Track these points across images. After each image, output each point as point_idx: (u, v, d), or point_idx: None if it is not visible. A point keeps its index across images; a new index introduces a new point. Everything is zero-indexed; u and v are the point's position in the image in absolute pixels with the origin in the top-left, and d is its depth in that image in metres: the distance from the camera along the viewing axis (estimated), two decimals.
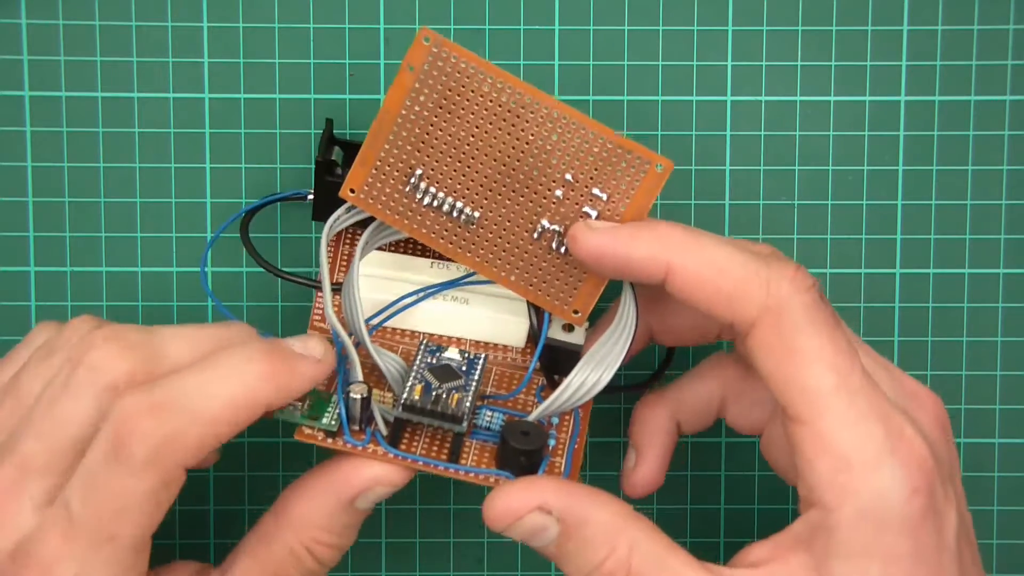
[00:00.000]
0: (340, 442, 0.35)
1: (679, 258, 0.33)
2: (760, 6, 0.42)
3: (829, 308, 0.33)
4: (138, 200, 0.42)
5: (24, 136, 0.42)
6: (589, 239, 0.34)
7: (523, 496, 0.33)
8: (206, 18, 0.42)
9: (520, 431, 0.35)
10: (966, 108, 0.43)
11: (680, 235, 0.33)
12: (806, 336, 0.32)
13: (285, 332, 0.43)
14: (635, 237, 0.34)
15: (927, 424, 0.34)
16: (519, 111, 0.35)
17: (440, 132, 0.35)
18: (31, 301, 0.42)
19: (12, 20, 0.42)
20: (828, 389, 0.32)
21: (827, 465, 0.31)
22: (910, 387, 0.35)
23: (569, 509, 0.33)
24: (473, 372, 0.36)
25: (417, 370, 0.36)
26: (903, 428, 0.32)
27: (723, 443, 0.44)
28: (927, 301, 0.43)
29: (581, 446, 0.37)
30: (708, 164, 0.43)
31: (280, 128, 0.42)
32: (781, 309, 0.32)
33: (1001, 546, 0.44)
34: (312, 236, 0.42)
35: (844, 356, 0.32)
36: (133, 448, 0.31)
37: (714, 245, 0.33)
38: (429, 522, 0.43)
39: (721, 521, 0.44)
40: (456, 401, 0.35)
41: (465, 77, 0.35)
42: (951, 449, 0.34)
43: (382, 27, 0.42)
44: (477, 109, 0.35)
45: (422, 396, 0.35)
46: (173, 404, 0.32)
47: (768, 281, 0.32)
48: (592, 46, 0.42)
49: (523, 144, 0.35)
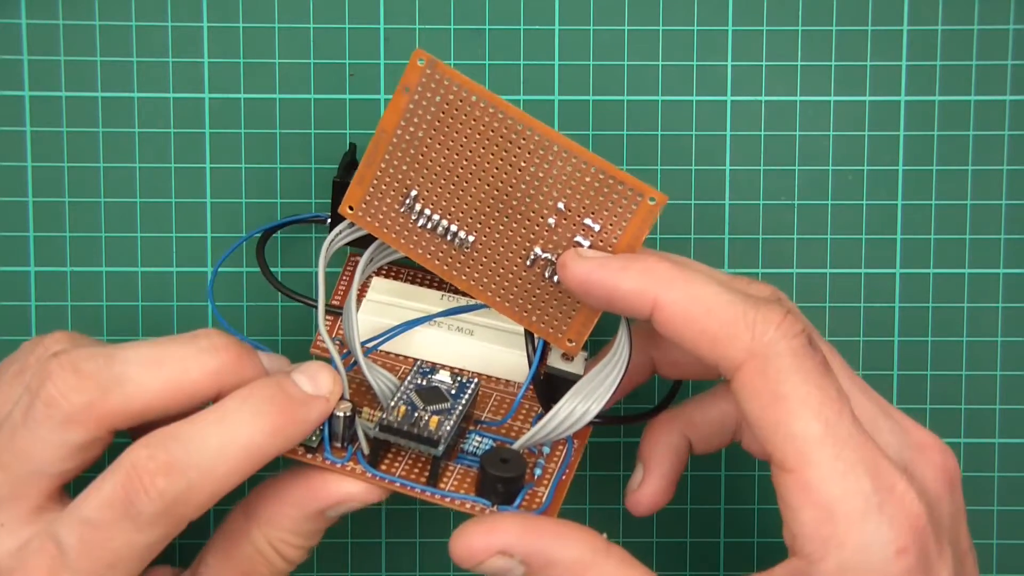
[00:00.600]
0: (320, 458, 0.35)
1: (666, 294, 0.32)
2: (760, 6, 0.42)
3: (819, 355, 0.32)
4: (138, 200, 0.42)
5: (24, 136, 0.42)
6: (577, 267, 0.33)
7: (484, 539, 0.32)
8: (206, 18, 0.42)
9: (500, 458, 0.35)
10: (966, 108, 0.43)
11: (669, 270, 0.32)
12: (792, 383, 0.31)
13: (285, 332, 0.43)
14: (624, 269, 0.33)
15: (930, 477, 0.32)
16: (511, 137, 0.34)
17: (435, 155, 0.35)
18: (31, 301, 0.42)
19: (12, 20, 0.42)
20: (814, 438, 0.30)
21: (811, 516, 0.30)
22: (917, 438, 0.33)
23: (532, 551, 0.32)
24: (462, 396, 0.36)
25: (404, 390, 0.36)
26: (895, 482, 0.31)
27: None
28: (927, 301, 0.43)
29: (569, 477, 0.36)
30: (708, 164, 0.43)
31: (280, 128, 0.42)
32: (767, 354, 0.31)
33: (1001, 546, 0.44)
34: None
35: (832, 404, 0.31)
36: (143, 506, 0.31)
37: (702, 283, 0.32)
38: (428, 522, 0.43)
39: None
40: (436, 424, 0.34)
41: (459, 101, 0.35)
42: (956, 503, 0.33)
43: (382, 27, 0.42)
44: (470, 133, 0.35)
45: (403, 417, 0.35)
46: (186, 462, 0.31)
47: (755, 324, 0.31)
48: (592, 46, 0.42)
49: (516, 170, 0.35)
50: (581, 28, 0.42)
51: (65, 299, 0.42)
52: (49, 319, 0.42)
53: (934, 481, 0.33)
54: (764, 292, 0.34)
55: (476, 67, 0.42)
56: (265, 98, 0.42)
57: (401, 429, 0.34)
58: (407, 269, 0.41)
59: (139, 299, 0.42)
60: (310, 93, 0.42)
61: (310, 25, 0.42)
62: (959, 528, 0.33)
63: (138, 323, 0.42)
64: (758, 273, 0.43)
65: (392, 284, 0.40)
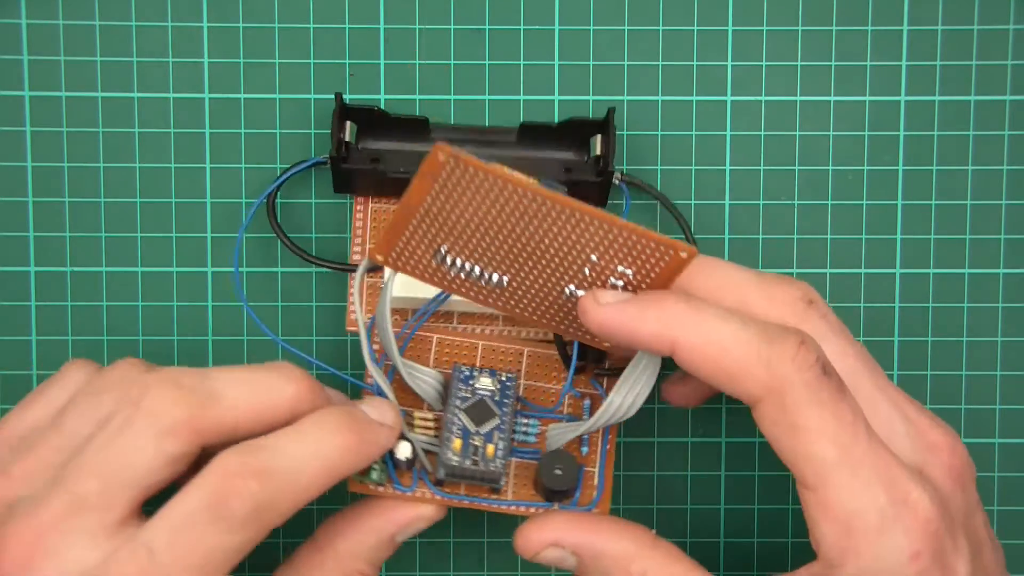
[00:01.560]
0: (391, 490, 0.39)
1: (683, 336, 0.34)
2: (760, 6, 0.42)
3: (833, 381, 0.33)
4: (138, 200, 0.42)
5: (24, 136, 0.42)
6: (596, 314, 0.35)
7: (538, 534, 0.37)
8: (206, 18, 0.42)
9: (554, 468, 0.38)
10: (966, 108, 0.43)
11: (683, 313, 0.34)
12: (807, 414, 0.33)
13: (285, 331, 0.43)
14: (640, 315, 0.34)
15: (940, 476, 0.34)
16: (541, 211, 0.34)
17: (463, 222, 0.35)
18: (31, 301, 0.42)
19: (12, 20, 0.42)
20: (831, 461, 0.33)
21: (830, 529, 0.33)
22: (931, 438, 0.35)
23: (582, 544, 0.36)
24: (506, 402, 0.39)
25: (453, 413, 0.39)
26: (908, 492, 0.33)
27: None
28: (927, 301, 0.43)
29: (610, 470, 0.40)
30: (708, 164, 0.43)
31: (280, 128, 0.42)
32: (783, 388, 0.33)
33: (1001, 546, 0.44)
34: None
35: (847, 428, 0.33)
36: (234, 506, 0.32)
37: (718, 322, 0.33)
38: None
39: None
40: (492, 452, 0.38)
41: (484, 184, 0.33)
42: (968, 498, 0.35)
43: (382, 27, 0.42)
44: (498, 209, 0.34)
45: (460, 453, 0.38)
46: (274, 470, 0.33)
47: (769, 361, 0.33)
48: (592, 46, 0.42)
49: (547, 235, 0.34)
50: (581, 28, 0.42)
51: (65, 299, 0.42)
52: (49, 319, 0.42)
53: (945, 479, 0.34)
54: (795, 294, 0.36)
55: (476, 67, 0.42)
56: (265, 98, 0.42)
57: (464, 471, 0.38)
58: None
59: (139, 299, 0.42)
60: (310, 93, 0.42)
61: (310, 25, 0.42)
62: (974, 520, 0.35)
63: (138, 323, 0.42)
64: None
65: None
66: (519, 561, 0.43)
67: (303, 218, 0.42)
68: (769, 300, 0.36)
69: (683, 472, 0.43)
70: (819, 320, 0.35)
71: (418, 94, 0.42)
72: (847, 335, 0.36)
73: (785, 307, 0.35)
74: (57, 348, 0.42)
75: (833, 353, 0.35)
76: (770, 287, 0.36)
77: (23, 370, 0.42)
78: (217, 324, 0.43)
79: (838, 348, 0.35)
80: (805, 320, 0.35)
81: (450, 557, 0.44)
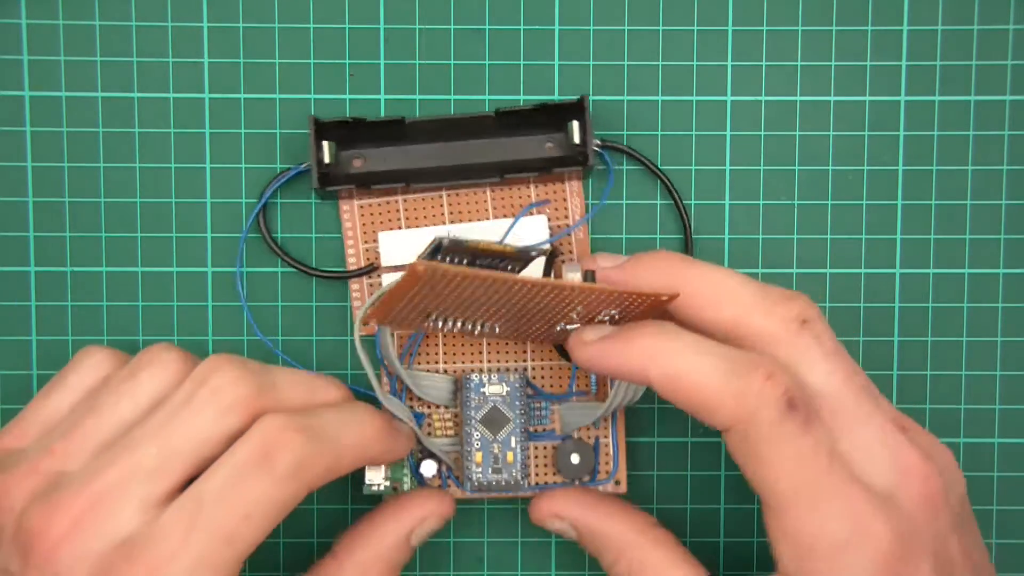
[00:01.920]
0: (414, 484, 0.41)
1: (656, 370, 0.35)
2: (760, 6, 0.42)
3: (799, 414, 0.34)
4: (138, 200, 0.42)
5: (24, 136, 0.42)
6: (581, 352, 0.37)
7: (547, 505, 0.40)
8: (206, 18, 0.42)
9: (570, 456, 0.41)
10: (966, 108, 0.43)
11: (657, 347, 0.35)
12: (770, 447, 0.34)
13: (285, 331, 0.43)
14: (620, 352, 0.36)
15: (910, 502, 0.35)
16: (521, 289, 0.35)
17: (449, 301, 0.36)
18: (31, 301, 0.42)
19: (12, 20, 0.42)
20: (792, 492, 0.34)
21: (788, 550, 0.35)
22: (905, 463, 0.35)
23: (581, 521, 0.39)
24: (516, 403, 0.40)
25: (471, 427, 0.40)
26: (868, 524, 0.34)
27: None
28: (927, 301, 0.43)
29: (623, 446, 0.42)
30: (708, 164, 0.43)
31: (280, 128, 0.42)
32: (748, 422, 0.34)
33: (1001, 546, 0.44)
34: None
35: (808, 463, 0.34)
36: (279, 458, 0.34)
37: (690, 354, 0.35)
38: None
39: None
40: (512, 458, 0.40)
41: (465, 280, 0.35)
42: (940, 520, 0.35)
43: (382, 27, 0.42)
44: (481, 291, 0.36)
45: (483, 466, 0.40)
46: (316, 430, 0.35)
47: (735, 395, 0.34)
48: (592, 46, 0.42)
49: (530, 301, 0.36)
50: (581, 28, 0.42)
51: (65, 299, 0.42)
52: (49, 319, 0.42)
53: (915, 505, 0.35)
54: (791, 313, 0.36)
55: (476, 67, 0.42)
56: (265, 98, 0.42)
57: (491, 484, 0.40)
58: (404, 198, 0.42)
59: (139, 299, 0.42)
60: (310, 93, 0.42)
61: (310, 25, 0.42)
62: (947, 544, 0.35)
63: (138, 323, 0.42)
64: (758, 273, 0.43)
65: (399, 235, 0.41)
66: (519, 561, 0.44)
67: (303, 219, 0.42)
68: (765, 316, 0.36)
69: (683, 472, 0.43)
70: (810, 341, 0.36)
71: (418, 94, 0.42)
72: (838, 356, 0.36)
73: (780, 325, 0.36)
74: (57, 348, 0.42)
75: (819, 376, 0.35)
76: (768, 303, 0.36)
77: (23, 370, 0.42)
78: (217, 324, 0.43)
79: (824, 371, 0.36)
80: (796, 341, 0.36)
81: (450, 557, 0.44)
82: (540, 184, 0.42)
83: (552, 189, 0.42)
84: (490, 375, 0.41)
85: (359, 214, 0.42)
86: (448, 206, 0.42)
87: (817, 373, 0.36)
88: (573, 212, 0.42)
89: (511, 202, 0.42)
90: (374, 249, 0.42)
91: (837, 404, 0.35)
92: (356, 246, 0.42)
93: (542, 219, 0.41)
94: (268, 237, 0.42)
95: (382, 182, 0.41)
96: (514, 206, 0.42)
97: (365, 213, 0.42)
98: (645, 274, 0.38)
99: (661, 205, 0.43)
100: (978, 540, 0.37)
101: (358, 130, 0.41)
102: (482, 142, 0.41)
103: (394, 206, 0.42)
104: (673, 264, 0.37)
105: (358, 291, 0.42)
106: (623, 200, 0.43)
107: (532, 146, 0.41)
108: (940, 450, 0.37)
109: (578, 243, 0.42)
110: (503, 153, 0.41)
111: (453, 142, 0.41)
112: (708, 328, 0.37)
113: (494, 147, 0.41)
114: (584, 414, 0.41)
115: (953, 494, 0.36)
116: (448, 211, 0.42)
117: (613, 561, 0.39)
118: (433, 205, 0.42)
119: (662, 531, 0.39)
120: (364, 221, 0.42)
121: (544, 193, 0.42)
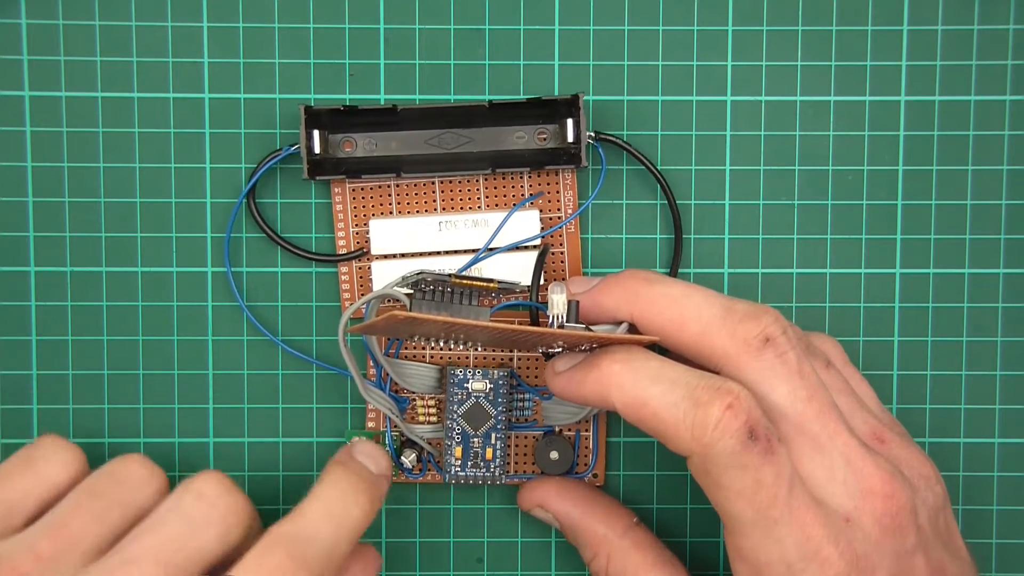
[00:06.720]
0: (403, 476, 0.42)
1: (618, 399, 0.36)
2: (760, 6, 0.42)
3: (759, 445, 0.34)
4: (138, 200, 0.42)
5: (24, 136, 0.42)
6: (553, 383, 0.38)
7: (530, 495, 0.42)
8: (206, 18, 0.42)
9: (549, 453, 0.42)
10: (966, 108, 0.43)
11: (618, 376, 0.36)
12: (728, 477, 0.34)
13: (285, 331, 0.43)
14: (583, 380, 0.37)
15: (870, 523, 0.35)
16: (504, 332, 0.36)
17: (432, 332, 0.37)
18: (31, 301, 0.42)
19: (12, 20, 0.42)
20: (747, 520, 0.34)
21: (743, 568, 0.35)
22: (868, 484, 0.35)
23: (561, 514, 0.41)
24: (499, 401, 0.41)
25: (452, 421, 0.41)
26: (820, 549, 0.34)
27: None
28: (927, 301, 0.43)
29: (603, 437, 0.43)
30: (708, 164, 0.43)
31: (280, 128, 0.42)
32: (706, 453, 0.34)
33: (1001, 546, 0.44)
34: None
35: (766, 492, 0.34)
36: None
37: (648, 384, 0.35)
38: (429, 522, 0.44)
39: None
40: (491, 454, 0.41)
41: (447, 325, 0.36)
42: (902, 540, 0.35)
43: (382, 27, 0.42)
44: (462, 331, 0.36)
45: (462, 460, 0.41)
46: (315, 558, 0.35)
47: (693, 427, 0.34)
48: (592, 46, 0.42)
49: (512, 337, 0.37)
50: (581, 28, 0.42)
51: (65, 299, 0.42)
52: (49, 319, 0.42)
53: (874, 527, 0.35)
54: (754, 332, 0.36)
55: (476, 67, 0.42)
56: (265, 98, 0.42)
57: (468, 478, 0.41)
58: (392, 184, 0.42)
59: (139, 299, 0.42)
60: (310, 93, 0.42)
61: (310, 25, 0.42)
62: (911, 562, 0.35)
63: (138, 323, 0.42)
64: (758, 273, 0.43)
65: (390, 225, 0.41)
66: (519, 561, 0.44)
67: (303, 218, 0.43)
68: (728, 336, 0.36)
69: (683, 472, 0.43)
70: (773, 361, 0.36)
71: (418, 94, 0.42)
72: (801, 376, 0.36)
73: (741, 346, 0.36)
74: (57, 348, 0.42)
75: (781, 397, 0.36)
76: (731, 322, 0.36)
77: (23, 370, 0.42)
78: (217, 324, 0.43)
79: (786, 391, 0.36)
80: (757, 361, 0.36)
81: (450, 557, 0.44)
82: (533, 175, 0.42)
83: (546, 180, 0.42)
84: (474, 371, 0.41)
85: (350, 197, 0.42)
86: (440, 194, 0.42)
87: (779, 394, 0.35)
88: (566, 205, 0.42)
89: (504, 192, 0.42)
90: (364, 234, 0.42)
91: (800, 425, 0.35)
92: (347, 229, 0.42)
93: (534, 213, 0.41)
94: (258, 216, 0.42)
95: (374, 170, 0.41)
96: (507, 196, 0.42)
97: (356, 196, 0.42)
98: (609, 301, 0.38)
99: (660, 205, 0.43)
100: (957, 553, 0.37)
101: (351, 118, 0.41)
102: (475, 131, 0.41)
103: (386, 191, 0.42)
104: (637, 286, 0.37)
105: (347, 275, 0.42)
106: (623, 200, 0.43)
107: (526, 137, 0.42)
108: (918, 463, 0.37)
109: (569, 237, 0.42)
110: (496, 143, 0.41)
111: (446, 131, 0.41)
112: (676, 347, 0.37)
113: (487, 137, 0.41)
114: (568, 414, 0.42)
115: (924, 510, 0.36)
116: (440, 199, 0.42)
117: (592, 558, 0.40)
118: (426, 192, 0.42)
119: (643, 532, 0.40)
120: (355, 204, 0.42)
121: (538, 185, 0.42)
